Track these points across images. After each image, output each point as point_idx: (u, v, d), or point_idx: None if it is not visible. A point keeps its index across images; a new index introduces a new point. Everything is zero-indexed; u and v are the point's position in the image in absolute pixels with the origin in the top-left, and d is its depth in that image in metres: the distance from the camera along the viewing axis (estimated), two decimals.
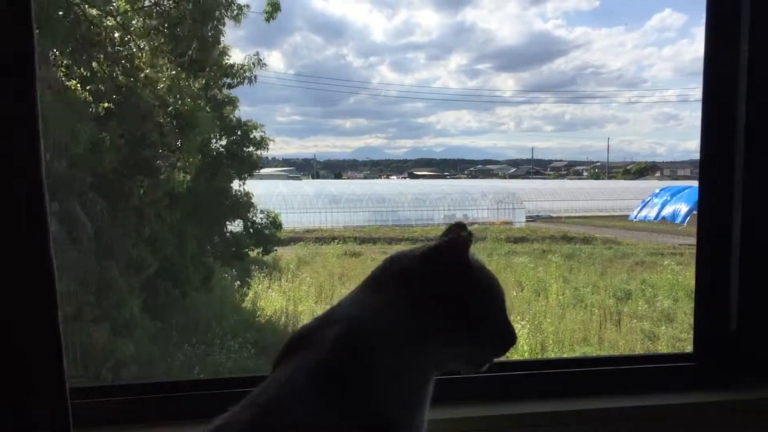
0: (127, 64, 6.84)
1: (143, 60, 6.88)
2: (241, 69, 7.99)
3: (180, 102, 7.01)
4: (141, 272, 6.97)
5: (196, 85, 7.41)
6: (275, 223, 10.22)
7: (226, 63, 7.91)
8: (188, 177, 7.22)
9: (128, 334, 6.54)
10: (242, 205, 9.70)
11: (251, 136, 9.58)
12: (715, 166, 1.65)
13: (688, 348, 1.73)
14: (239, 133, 9.55)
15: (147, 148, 6.96)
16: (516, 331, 1.07)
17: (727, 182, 1.63)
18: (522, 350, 7.95)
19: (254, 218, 9.95)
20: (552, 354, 8.05)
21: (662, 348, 8.25)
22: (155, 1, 6.76)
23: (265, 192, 10.84)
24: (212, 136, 9.01)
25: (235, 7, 7.14)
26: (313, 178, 32.33)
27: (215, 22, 6.97)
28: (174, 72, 6.96)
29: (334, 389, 0.91)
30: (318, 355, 0.94)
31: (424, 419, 0.99)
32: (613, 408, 1.55)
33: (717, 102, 1.64)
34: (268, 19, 7.38)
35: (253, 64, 8.04)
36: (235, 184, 9.65)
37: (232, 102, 9.27)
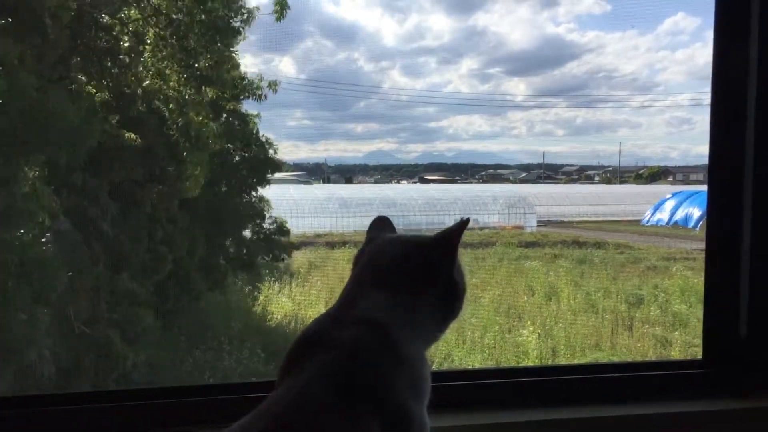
0: (136, 74, 6.90)
1: (152, 70, 6.92)
2: (250, 85, 8.03)
3: (187, 114, 7.04)
4: (153, 277, 7.01)
5: (206, 98, 7.44)
6: (282, 230, 10.25)
7: (236, 75, 7.94)
8: (196, 185, 7.24)
9: (139, 340, 6.57)
10: (256, 213, 9.79)
11: (268, 155, 9.70)
12: (723, 169, 1.63)
13: (701, 353, 1.71)
14: (255, 148, 9.67)
15: (156, 157, 7.00)
16: None
17: (736, 186, 1.62)
18: (532, 356, 7.93)
19: (263, 225, 10.01)
20: (563, 359, 8.01)
21: (675, 354, 8.20)
22: (165, 12, 6.79)
23: (275, 196, 10.86)
24: (231, 149, 9.12)
25: (245, 11, 7.17)
26: (323, 182, 32.43)
27: (225, 38, 7.00)
28: (182, 83, 6.98)
29: (356, 392, 0.90)
30: (338, 359, 0.93)
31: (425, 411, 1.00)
32: (621, 416, 1.54)
33: (726, 104, 1.62)
34: (278, 18, 7.39)
35: (268, 83, 8.08)
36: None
37: (250, 119, 9.38)
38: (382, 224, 1.18)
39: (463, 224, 1.04)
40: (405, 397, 0.94)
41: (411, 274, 1.03)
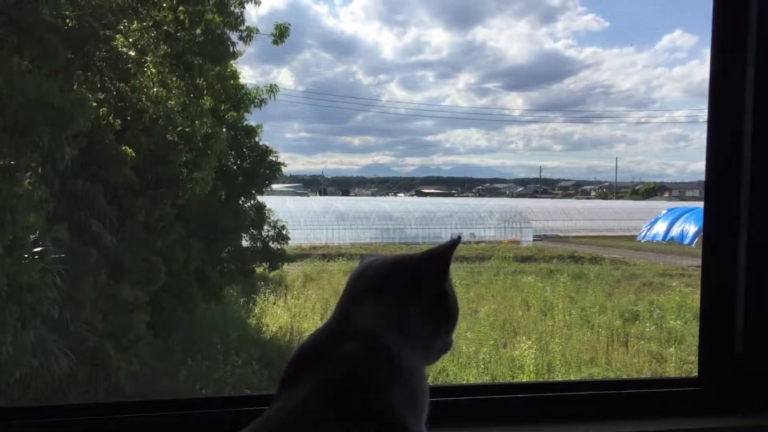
0: (136, 83, 6.91)
1: (153, 79, 6.93)
2: (248, 95, 8.03)
3: (191, 120, 7.04)
4: (149, 286, 6.98)
5: (205, 107, 7.44)
6: (281, 235, 10.26)
7: (235, 84, 7.94)
8: (201, 190, 7.24)
9: (134, 349, 6.53)
10: (253, 221, 9.82)
11: (267, 160, 9.74)
12: (720, 186, 1.64)
13: (697, 370, 1.70)
14: (255, 155, 9.72)
15: (159, 164, 7.01)
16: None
17: (732, 202, 1.62)
18: (528, 370, 7.91)
19: (261, 232, 10.04)
20: (559, 375, 7.99)
21: (670, 370, 8.19)
22: (162, 22, 6.80)
23: (272, 208, 10.87)
24: (228, 158, 9.15)
25: (245, 29, 7.20)
26: (320, 194, 32.50)
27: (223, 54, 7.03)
28: (182, 90, 6.98)
29: (353, 406, 0.90)
30: (336, 373, 0.92)
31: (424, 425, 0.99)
32: None
33: (723, 121, 1.63)
34: (275, 42, 7.45)
35: (269, 87, 8.09)
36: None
37: (253, 130, 9.43)
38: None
39: (455, 242, 1.05)
40: (402, 411, 0.93)
41: (402, 281, 1.03)
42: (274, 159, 9.91)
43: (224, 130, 8.21)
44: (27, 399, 5.05)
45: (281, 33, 7.41)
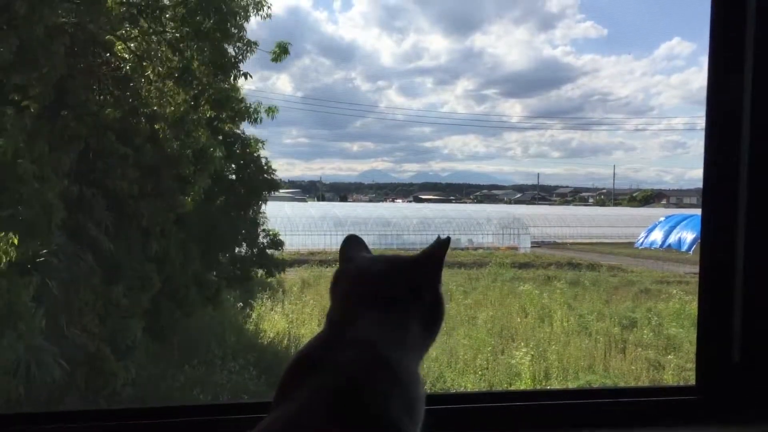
0: (137, 92, 6.92)
1: (152, 87, 6.92)
2: (248, 110, 8.04)
3: (189, 132, 7.05)
4: (146, 291, 6.96)
5: (204, 117, 7.43)
6: (275, 242, 10.23)
7: (235, 96, 7.94)
8: (190, 201, 7.24)
9: (131, 354, 6.51)
10: (250, 229, 9.81)
11: (266, 176, 9.74)
12: (718, 194, 1.63)
13: (694, 377, 1.70)
14: (253, 167, 9.71)
15: (155, 172, 7.00)
16: None
17: (730, 210, 1.62)
18: (525, 377, 7.90)
19: (257, 239, 10.03)
20: (556, 382, 7.98)
21: (668, 377, 8.18)
22: (164, 33, 6.80)
23: (270, 214, 10.86)
24: (226, 169, 9.15)
25: (244, 44, 7.18)
26: (318, 200, 32.53)
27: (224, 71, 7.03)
28: (181, 101, 6.96)
29: (351, 414, 0.89)
30: (334, 382, 0.92)
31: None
32: None
33: (720, 128, 1.63)
34: (275, 60, 7.47)
35: (266, 109, 8.10)
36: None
37: (251, 144, 9.44)
38: (355, 243, 1.17)
39: (445, 242, 1.04)
40: (399, 418, 0.92)
41: (399, 291, 1.02)
42: (271, 178, 9.89)
43: (220, 138, 8.23)
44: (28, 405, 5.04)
45: (282, 51, 7.43)
